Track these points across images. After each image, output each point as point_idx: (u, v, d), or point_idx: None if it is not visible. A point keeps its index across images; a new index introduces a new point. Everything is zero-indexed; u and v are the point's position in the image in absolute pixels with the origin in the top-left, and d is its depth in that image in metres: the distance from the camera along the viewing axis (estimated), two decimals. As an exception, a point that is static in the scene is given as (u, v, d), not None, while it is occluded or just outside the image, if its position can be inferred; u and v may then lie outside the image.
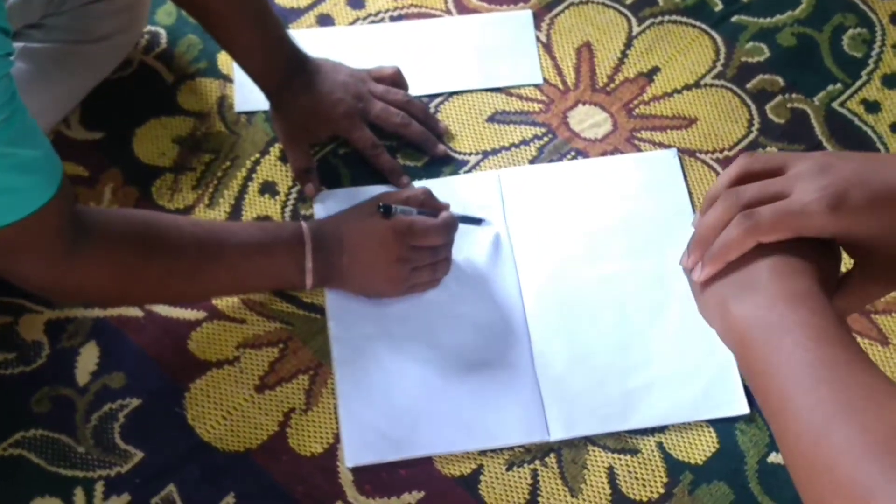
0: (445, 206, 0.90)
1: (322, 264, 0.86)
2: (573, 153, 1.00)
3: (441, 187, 0.96)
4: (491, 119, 1.02)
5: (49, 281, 0.77)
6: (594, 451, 0.86)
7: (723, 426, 0.87)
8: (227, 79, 1.03)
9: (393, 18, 1.08)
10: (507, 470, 0.85)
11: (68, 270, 0.76)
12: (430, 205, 0.89)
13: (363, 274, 0.87)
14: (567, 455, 0.85)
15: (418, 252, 0.87)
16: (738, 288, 0.55)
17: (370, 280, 0.88)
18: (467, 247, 0.94)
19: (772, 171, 0.57)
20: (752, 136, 1.01)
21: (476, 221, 0.93)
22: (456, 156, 1.00)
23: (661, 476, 0.85)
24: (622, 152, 1.00)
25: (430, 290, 0.90)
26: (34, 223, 0.71)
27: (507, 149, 1.00)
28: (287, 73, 0.95)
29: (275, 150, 1.00)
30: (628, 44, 1.06)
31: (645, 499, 0.84)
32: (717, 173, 0.99)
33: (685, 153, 1.00)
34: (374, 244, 0.86)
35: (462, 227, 0.92)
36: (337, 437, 0.86)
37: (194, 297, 0.88)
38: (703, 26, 1.07)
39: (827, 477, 0.47)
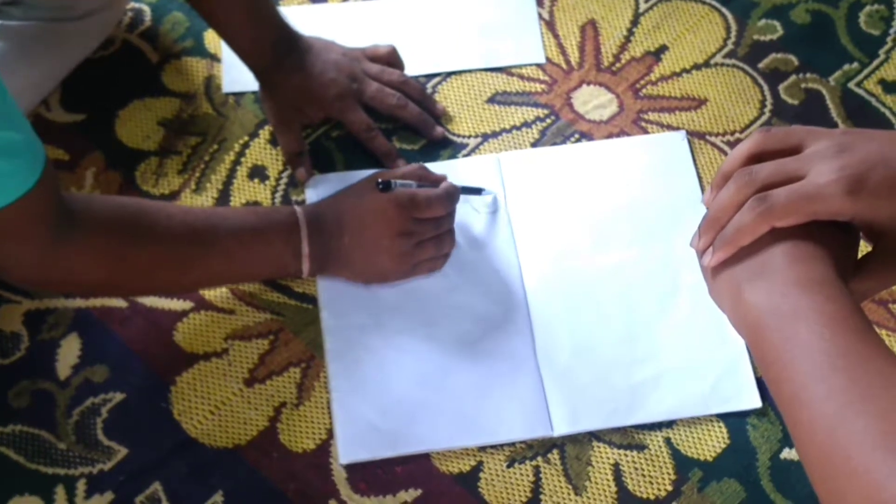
0: (443, 178, 0.90)
1: (320, 249, 0.86)
2: (577, 136, 0.99)
3: (438, 171, 0.95)
4: (491, 100, 1.01)
5: (34, 272, 0.76)
6: (599, 446, 0.85)
7: (734, 421, 0.86)
8: (215, 58, 1.03)
9: (388, -5, 1.07)
10: (508, 467, 0.84)
11: (55, 260, 0.75)
12: (428, 178, 0.89)
13: (366, 254, 0.87)
14: (571, 451, 0.85)
15: (422, 225, 0.87)
16: (752, 273, 0.55)
17: (374, 260, 0.87)
18: (465, 233, 0.93)
19: (788, 148, 0.57)
20: (764, 118, 1.01)
21: (476, 191, 0.93)
22: (454, 139, 0.99)
23: (669, 473, 0.84)
24: (628, 135, 0.99)
25: (436, 271, 0.90)
26: (18, 210, 0.69)
27: (508, 131, 1.00)
28: (277, 51, 0.95)
29: (265, 133, 0.99)
30: (635, 21, 1.05)
31: (652, 497, 0.83)
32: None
33: (694, 135, 0.99)
34: (377, 220, 0.85)
35: (460, 215, 0.91)
36: (330, 433, 0.85)
37: (186, 286, 0.88)
38: (714, 3, 1.06)
39: (843, 468, 0.47)
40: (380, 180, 0.84)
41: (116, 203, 0.81)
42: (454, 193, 0.89)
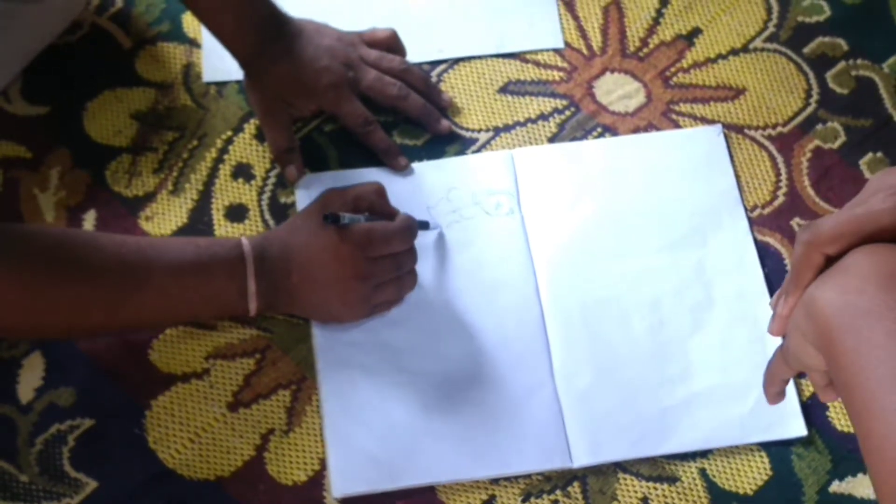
0: (396, 211, 0.88)
1: (267, 287, 0.85)
2: (599, 129, 1.00)
3: (445, 170, 0.96)
4: (503, 90, 1.02)
5: None
6: (625, 479, 0.85)
7: (777, 450, 0.86)
8: (194, 43, 1.03)
9: (388, -28, 1.07)
10: (523, 502, 0.85)
11: None
12: (381, 208, 0.88)
13: (316, 297, 0.86)
14: (593, 484, 0.85)
15: (380, 265, 0.86)
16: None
17: (325, 303, 0.87)
18: (474, 239, 0.94)
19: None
20: (810, 110, 1.01)
21: (424, 225, 0.91)
22: (462, 133, 1.00)
23: (703, 508, 0.84)
24: (657, 128, 1.00)
25: (395, 307, 0.89)
26: None
27: (522, 124, 1.00)
28: (263, 35, 0.95)
29: (250, 127, 0.99)
30: (664, 1, 1.06)
31: (685, 535, 0.84)
32: (769, 153, 0.99)
33: (731, 129, 1.00)
34: (329, 262, 0.85)
35: (471, 217, 0.92)
36: (323, 463, 0.86)
37: (119, 327, 0.87)
38: (753, -20, 1.07)
39: None
40: (326, 213, 0.84)
41: (37, 231, 0.80)
42: (414, 226, 0.88)
